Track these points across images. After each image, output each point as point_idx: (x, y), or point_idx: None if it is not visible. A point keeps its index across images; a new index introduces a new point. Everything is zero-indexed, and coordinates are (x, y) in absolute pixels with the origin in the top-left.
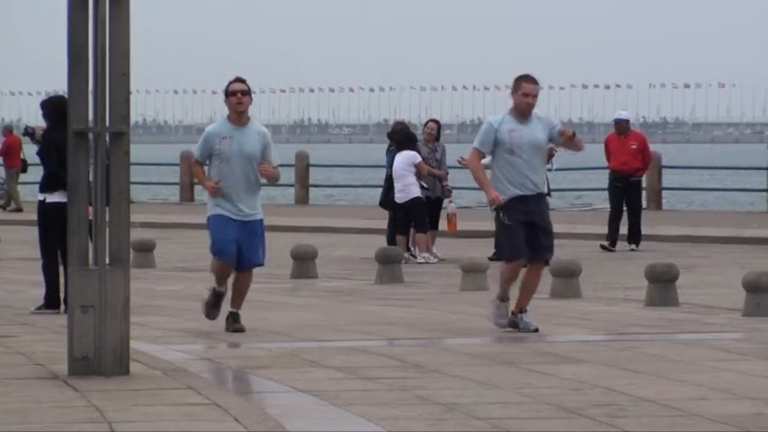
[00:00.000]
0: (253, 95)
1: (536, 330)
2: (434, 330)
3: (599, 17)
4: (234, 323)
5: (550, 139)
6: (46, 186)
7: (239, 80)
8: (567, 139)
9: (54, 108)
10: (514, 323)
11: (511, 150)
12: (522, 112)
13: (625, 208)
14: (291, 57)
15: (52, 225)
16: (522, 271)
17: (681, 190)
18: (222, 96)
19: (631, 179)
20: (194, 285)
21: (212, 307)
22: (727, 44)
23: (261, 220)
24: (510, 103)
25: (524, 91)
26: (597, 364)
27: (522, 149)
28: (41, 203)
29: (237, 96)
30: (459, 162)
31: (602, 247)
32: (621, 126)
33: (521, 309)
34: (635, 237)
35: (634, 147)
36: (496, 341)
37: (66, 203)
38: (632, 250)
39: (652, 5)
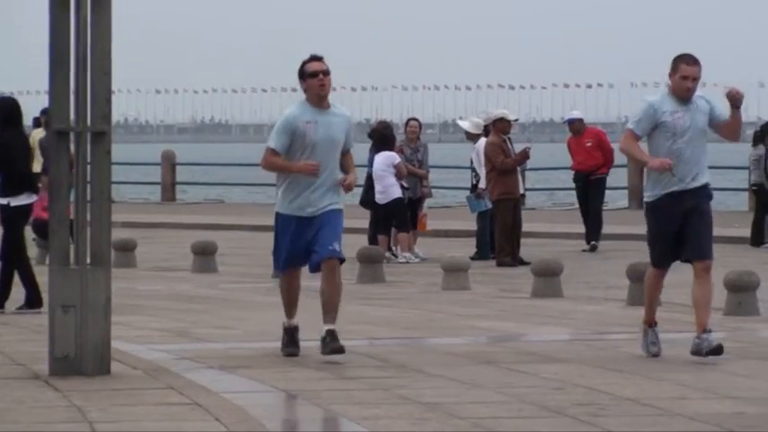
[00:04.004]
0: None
1: (719, 347)
2: (416, 330)
3: (579, 17)
4: (331, 342)
5: (712, 121)
6: (9, 190)
7: (317, 58)
8: (733, 102)
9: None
10: (699, 347)
11: (674, 135)
12: (681, 96)
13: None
14: (273, 56)
15: (19, 227)
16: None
17: None
18: (297, 79)
19: (591, 177)
20: (175, 285)
21: (287, 345)
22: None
23: (341, 210)
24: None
25: (683, 73)
26: (578, 364)
27: (686, 135)
28: (6, 207)
29: (319, 78)
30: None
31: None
32: (574, 126)
33: (703, 329)
34: (594, 235)
35: (589, 144)
36: (478, 341)
37: (30, 205)
38: (592, 247)
39: (632, 5)
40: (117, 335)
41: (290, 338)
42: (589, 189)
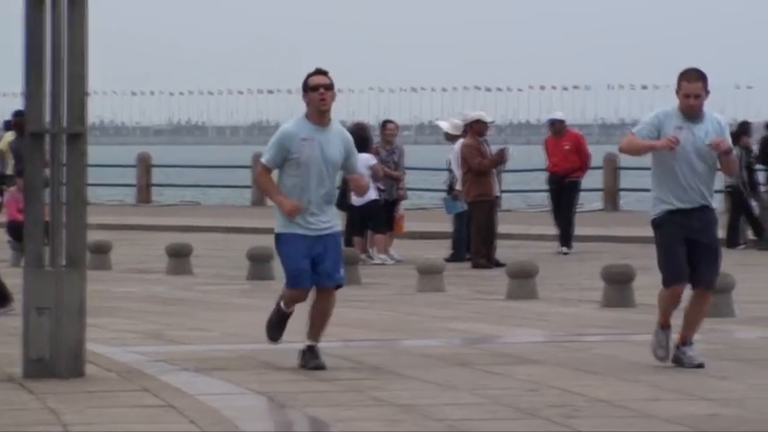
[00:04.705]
0: (334, 92)
1: (700, 365)
2: (391, 331)
3: (556, 19)
4: (312, 359)
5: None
6: None
7: (321, 72)
8: (721, 153)
9: None
10: (678, 358)
11: (674, 154)
12: (686, 114)
13: None
14: (249, 58)
15: None
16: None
17: (638, 191)
18: (300, 92)
19: (565, 180)
20: (150, 287)
21: (275, 327)
22: (684, 46)
23: (339, 233)
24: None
25: (684, 91)
26: (553, 365)
27: (687, 152)
28: None
29: (320, 92)
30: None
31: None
32: (556, 126)
33: (684, 341)
34: (566, 239)
35: (567, 147)
36: (453, 342)
37: None
38: (564, 254)
39: (608, 6)
40: (92, 337)
41: (281, 321)
42: (562, 192)
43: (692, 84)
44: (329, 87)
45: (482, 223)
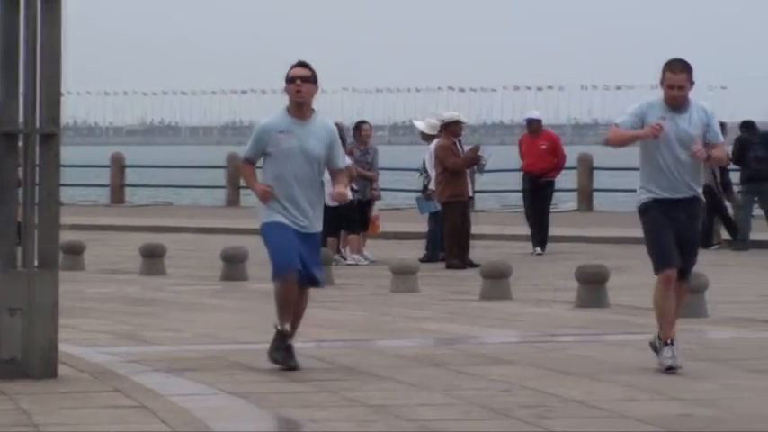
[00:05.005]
0: (316, 85)
1: (670, 369)
2: (364, 332)
3: (528, 20)
4: (288, 359)
5: (704, 139)
6: None
7: (301, 64)
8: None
9: None
10: (655, 347)
11: (657, 144)
12: (670, 104)
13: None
14: (223, 58)
15: None
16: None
17: (611, 191)
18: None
19: (541, 180)
20: (123, 288)
21: (277, 350)
22: (657, 47)
23: (319, 233)
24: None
25: (668, 82)
26: (526, 366)
27: (670, 142)
28: None
29: (297, 83)
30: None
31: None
32: (533, 126)
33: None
34: (540, 240)
35: (544, 147)
36: (426, 343)
37: None
38: (539, 254)
39: (581, 7)
40: (64, 338)
41: (282, 341)
42: (537, 192)
43: (677, 75)
44: (306, 79)
45: (456, 224)
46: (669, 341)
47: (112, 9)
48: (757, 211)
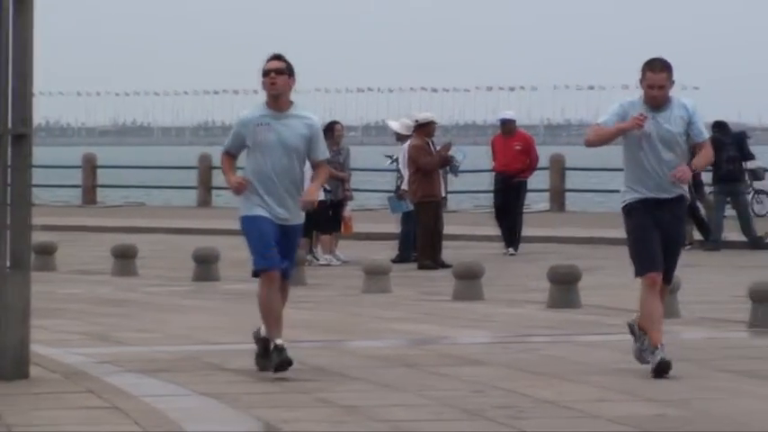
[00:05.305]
0: (292, 77)
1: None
2: (336, 332)
3: (503, 18)
4: (279, 356)
5: (687, 137)
6: None
7: (275, 57)
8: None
9: None
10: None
11: (639, 144)
12: (650, 104)
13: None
14: (195, 59)
15: None
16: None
17: (584, 192)
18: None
19: (513, 181)
20: (96, 288)
21: (261, 357)
22: (629, 46)
23: (300, 225)
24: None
25: (648, 82)
26: (498, 366)
27: (651, 141)
28: None
29: (271, 76)
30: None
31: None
32: (507, 126)
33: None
34: (513, 241)
35: (518, 148)
36: (398, 343)
37: None
38: (511, 255)
39: (555, 7)
40: (36, 338)
41: (266, 349)
42: (510, 192)
43: (657, 74)
44: (281, 72)
45: (429, 224)
46: (660, 345)
47: (84, 9)
48: (729, 211)
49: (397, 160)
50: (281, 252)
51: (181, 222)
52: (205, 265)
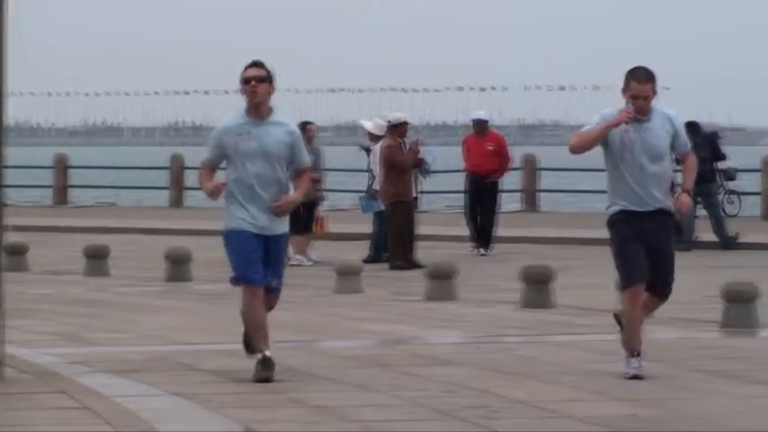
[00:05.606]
0: (272, 84)
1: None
2: (308, 333)
3: (472, 21)
4: (263, 370)
5: (671, 147)
6: None
7: (255, 64)
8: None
9: None
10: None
11: (622, 156)
12: (635, 115)
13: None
14: (164, 59)
15: None
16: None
17: (556, 192)
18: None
19: (486, 181)
20: (67, 289)
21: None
22: (601, 47)
23: (285, 235)
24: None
25: (633, 92)
26: (471, 366)
27: (635, 153)
28: None
29: (251, 84)
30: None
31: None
32: (480, 126)
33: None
34: (485, 241)
35: (490, 148)
36: (370, 344)
37: None
38: (483, 255)
39: (526, 7)
40: (8, 339)
41: (265, 365)
42: (484, 192)
43: (643, 84)
44: (261, 80)
45: (401, 224)
46: (636, 353)
47: (54, 9)
48: (701, 212)
49: (368, 151)
50: (266, 265)
51: (153, 222)
52: (177, 266)
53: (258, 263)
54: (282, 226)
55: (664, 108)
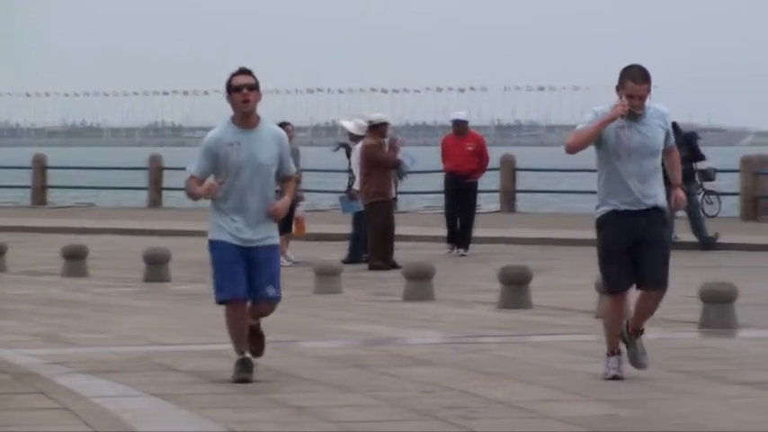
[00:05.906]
0: (259, 91)
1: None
2: (287, 333)
3: (453, 21)
4: (242, 371)
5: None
6: None
7: (244, 71)
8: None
9: None
10: (635, 358)
11: (617, 154)
12: (629, 114)
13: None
14: (144, 60)
15: None
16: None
17: (534, 192)
18: (224, 93)
19: (466, 181)
20: (46, 289)
21: (241, 372)
22: (580, 48)
23: (276, 246)
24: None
25: (629, 92)
26: (449, 367)
27: (632, 152)
28: None
29: (243, 93)
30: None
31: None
32: (460, 127)
33: (635, 329)
34: (464, 241)
35: (470, 148)
36: (349, 344)
37: None
38: (461, 255)
39: (505, 8)
40: None
41: (245, 369)
42: (463, 193)
43: (639, 84)
44: (253, 88)
45: (380, 225)
46: (616, 351)
47: (32, 9)
48: (680, 212)
49: (344, 146)
50: (256, 273)
51: (131, 223)
52: (155, 266)
53: (240, 274)
54: (272, 237)
55: (658, 106)
